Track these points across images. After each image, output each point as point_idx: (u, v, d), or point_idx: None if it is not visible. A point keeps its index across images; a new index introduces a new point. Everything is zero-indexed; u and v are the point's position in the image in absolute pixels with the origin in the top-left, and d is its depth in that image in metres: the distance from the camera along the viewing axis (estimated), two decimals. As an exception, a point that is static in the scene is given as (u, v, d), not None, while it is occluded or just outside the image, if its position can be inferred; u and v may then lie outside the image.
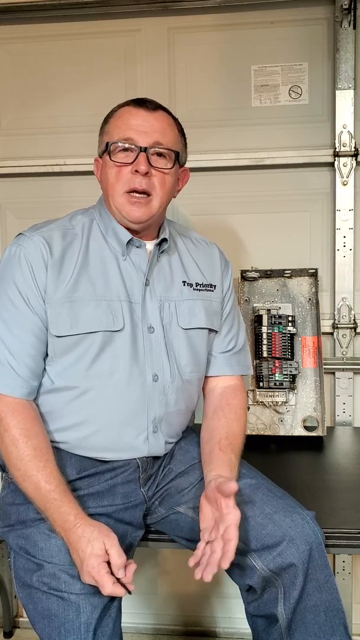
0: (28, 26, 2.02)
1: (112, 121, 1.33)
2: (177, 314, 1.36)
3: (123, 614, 1.23)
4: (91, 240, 1.33)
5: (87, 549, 1.11)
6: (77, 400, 1.28)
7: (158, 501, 1.36)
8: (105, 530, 1.15)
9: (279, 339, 1.89)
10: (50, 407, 1.29)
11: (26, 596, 1.20)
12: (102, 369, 1.27)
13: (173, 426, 1.37)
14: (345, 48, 1.89)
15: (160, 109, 1.32)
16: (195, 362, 1.38)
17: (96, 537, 1.12)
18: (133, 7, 1.95)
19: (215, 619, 2.11)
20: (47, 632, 1.15)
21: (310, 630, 1.19)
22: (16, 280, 1.26)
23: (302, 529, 1.20)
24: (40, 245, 1.27)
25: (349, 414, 1.99)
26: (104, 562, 1.11)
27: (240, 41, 1.96)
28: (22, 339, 1.25)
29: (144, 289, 1.33)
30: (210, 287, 1.43)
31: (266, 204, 2.01)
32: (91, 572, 1.10)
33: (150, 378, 1.31)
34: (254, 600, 1.26)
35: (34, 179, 2.06)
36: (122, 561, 1.12)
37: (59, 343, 1.27)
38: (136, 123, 1.28)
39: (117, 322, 1.28)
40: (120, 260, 1.33)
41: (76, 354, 1.27)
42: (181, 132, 1.37)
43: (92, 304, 1.27)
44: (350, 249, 1.96)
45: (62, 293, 1.26)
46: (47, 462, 1.20)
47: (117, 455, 1.30)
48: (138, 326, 1.31)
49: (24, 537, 1.23)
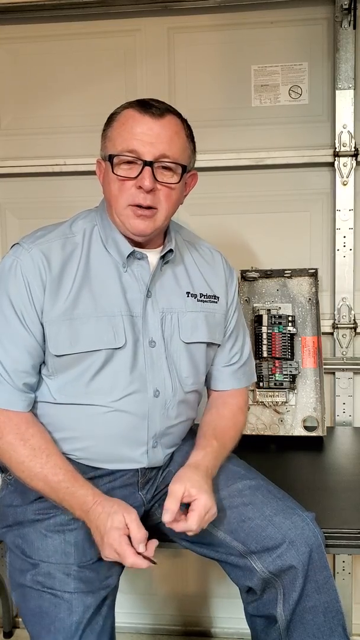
0: (28, 26, 2.02)
1: (116, 126, 1.24)
2: (179, 327, 1.32)
3: (121, 614, 1.24)
4: (92, 250, 1.28)
5: (108, 523, 1.12)
6: (76, 415, 1.26)
7: (158, 503, 1.36)
8: (125, 504, 1.16)
9: (279, 339, 1.89)
10: (50, 419, 1.27)
11: (19, 595, 1.20)
12: (102, 385, 1.24)
13: (173, 438, 1.36)
14: (345, 48, 1.89)
15: (168, 113, 1.23)
16: (195, 374, 1.36)
17: (116, 511, 1.13)
18: (133, 7, 1.95)
19: (214, 619, 2.11)
20: (37, 629, 1.15)
21: (309, 631, 1.19)
22: (11, 295, 1.21)
23: (302, 531, 1.20)
24: (38, 261, 1.21)
25: (349, 414, 1.99)
26: (125, 535, 1.11)
27: (240, 41, 1.96)
28: (15, 357, 1.21)
29: (145, 300, 1.28)
30: (214, 298, 1.38)
31: (266, 204, 2.01)
32: (113, 544, 1.11)
33: (152, 393, 1.28)
34: (254, 601, 1.26)
35: (34, 179, 2.06)
36: (142, 535, 1.13)
37: (58, 361, 1.23)
38: (141, 132, 1.19)
39: (118, 338, 1.24)
40: (121, 271, 1.28)
41: (76, 372, 1.24)
42: (190, 137, 1.29)
43: (93, 320, 1.22)
44: (350, 249, 1.96)
45: (61, 310, 1.22)
46: (49, 457, 1.19)
47: (116, 466, 1.30)
48: (139, 340, 1.27)
49: (20, 537, 1.23)
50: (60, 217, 1.43)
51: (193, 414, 1.42)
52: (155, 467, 1.34)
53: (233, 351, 1.43)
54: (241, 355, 1.44)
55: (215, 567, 1.78)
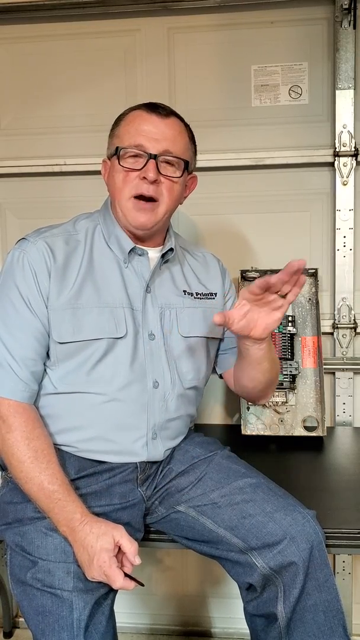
0: (28, 26, 2.02)
1: (123, 125, 1.33)
2: (177, 322, 1.36)
3: (121, 614, 1.24)
4: (95, 246, 1.34)
5: (97, 545, 1.12)
6: (77, 404, 1.28)
7: (158, 501, 1.36)
8: (111, 523, 1.17)
9: (279, 339, 1.89)
10: (51, 410, 1.30)
11: (21, 593, 1.20)
12: (103, 374, 1.28)
13: (172, 432, 1.37)
14: (345, 48, 1.89)
15: (173, 115, 1.32)
16: (196, 370, 1.39)
17: (104, 532, 1.14)
18: (133, 7, 1.95)
19: (214, 619, 2.11)
20: (40, 628, 1.15)
21: (309, 630, 1.19)
22: (19, 284, 1.27)
23: (302, 527, 1.21)
24: (43, 251, 1.28)
25: (349, 414, 1.99)
26: (114, 557, 1.13)
27: (240, 41, 1.96)
28: (24, 343, 1.26)
29: (145, 295, 1.33)
30: (211, 295, 1.45)
31: (266, 204, 2.01)
32: (102, 567, 1.11)
33: (151, 384, 1.31)
34: (254, 599, 1.26)
35: (34, 179, 2.06)
36: (135, 547, 1.14)
37: (61, 349, 1.27)
38: (147, 129, 1.28)
39: (119, 329, 1.29)
40: (122, 266, 1.34)
41: (78, 360, 1.27)
42: (192, 140, 1.37)
43: (95, 310, 1.28)
44: (350, 249, 1.96)
45: (65, 299, 1.27)
46: (49, 463, 1.20)
47: (116, 458, 1.31)
48: (139, 333, 1.32)
49: (20, 535, 1.23)
50: (60, 217, 1.44)
51: (193, 411, 1.43)
52: (155, 463, 1.35)
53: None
54: None
55: (215, 567, 1.79)
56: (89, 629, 1.14)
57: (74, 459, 1.30)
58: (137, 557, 1.14)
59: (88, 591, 1.14)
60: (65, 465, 1.27)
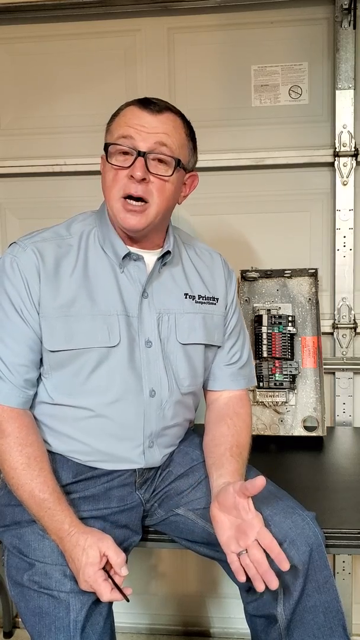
0: (28, 26, 2.02)
1: (116, 120, 1.26)
2: (176, 328, 1.32)
3: (121, 614, 1.24)
4: (89, 251, 1.29)
5: (83, 558, 1.12)
6: (73, 414, 1.26)
7: (157, 503, 1.36)
8: (99, 534, 1.15)
9: (279, 339, 1.89)
10: (47, 419, 1.29)
11: (18, 594, 1.20)
12: (98, 384, 1.25)
13: (170, 439, 1.36)
14: (345, 48, 1.89)
15: (167, 110, 1.24)
16: (193, 375, 1.36)
17: (90, 545, 1.12)
18: (133, 7, 1.95)
19: (213, 619, 2.11)
20: (37, 629, 1.15)
21: (309, 630, 1.18)
22: (9, 292, 1.24)
23: (302, 530, 1.20)
24: (32, 257, 1.24)
25: (349, 414, 1.99)
26: (100, 570, 1.12)
27: (240, 41, 1.96)
28: (16, 351, 1.23)
29: (141, 300, 1.29)
30: (213, 300, 1.38)
31: (266, 204, 2.01)
32: (88, 581, 1.11)
33: (148, 393, 1.28)
34: (254, 600, 1.26)
35: (34, 179, 2.06)
36: (122, 559, 1.13)
37: (53, 357, 1.25)
38: (138, 124, 1.21)
39: (112, 337, 1.25)
40: (117, 271, 1.29)
41: (72, 370, 1.25)
42: (190, 136, 1.29)
43: (88, 318, 1.24)
44: (350, 249, 1.96)
45: (58, 306, 1.23)
46: (40, 471, 1.19)
47: (113, 466, 1.30)
48: (135, 340, 1.28)
49: (18, 537, 1.23)
50: (60, 217, 1.44)
51: (190, 415, 1.42)
52: (153, 467, 1.34)
53: (233, 350, 1.43)
54: (241, 356, 1.44)
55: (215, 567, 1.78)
56: (85, 629, 1.13)
57: (72, 463, 1.29)
58: (124, 568, 1.12)
59: (85, 592, 1.14)
60: (62, 470, 1.27)
